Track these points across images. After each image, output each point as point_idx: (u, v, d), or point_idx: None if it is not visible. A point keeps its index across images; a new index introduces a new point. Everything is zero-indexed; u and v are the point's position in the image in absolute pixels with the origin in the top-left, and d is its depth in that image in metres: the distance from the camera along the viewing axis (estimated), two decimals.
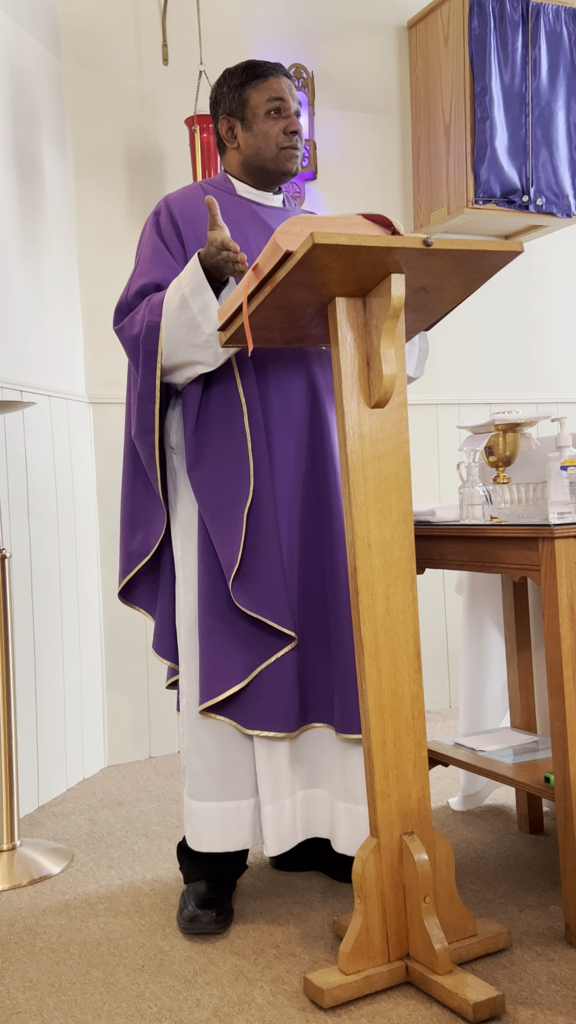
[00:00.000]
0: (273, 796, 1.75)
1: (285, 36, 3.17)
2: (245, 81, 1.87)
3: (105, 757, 2.90)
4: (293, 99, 1.88)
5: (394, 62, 3.36)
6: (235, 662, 1.72)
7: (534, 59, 3.17)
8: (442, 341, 3.47)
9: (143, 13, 2.96)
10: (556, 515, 1.65)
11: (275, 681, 1.73)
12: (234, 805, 1.77)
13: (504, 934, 1.60)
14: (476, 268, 1.52)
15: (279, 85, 1.86)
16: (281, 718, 1.73)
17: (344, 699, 1.75)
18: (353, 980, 1.48)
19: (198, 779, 1.78)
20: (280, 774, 1.76)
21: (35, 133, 2.68)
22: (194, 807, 1.78)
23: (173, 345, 1.73)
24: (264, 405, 1.79)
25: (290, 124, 1.85)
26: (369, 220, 1.51)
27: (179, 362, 1.74)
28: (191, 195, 1.88)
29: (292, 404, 1.80)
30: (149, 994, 1.54)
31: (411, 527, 1.55)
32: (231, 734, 1.77)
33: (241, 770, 1.77)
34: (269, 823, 1.75)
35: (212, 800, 1.77)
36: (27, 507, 2.55)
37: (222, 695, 1.71)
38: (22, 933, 1.79)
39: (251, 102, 1.86)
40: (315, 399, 1.82)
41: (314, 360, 1.84)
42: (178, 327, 1.71)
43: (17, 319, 2.53)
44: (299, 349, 1.83)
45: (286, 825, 1.77)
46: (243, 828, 1.78)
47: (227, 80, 1.90)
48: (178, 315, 1.71)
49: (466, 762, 1.90)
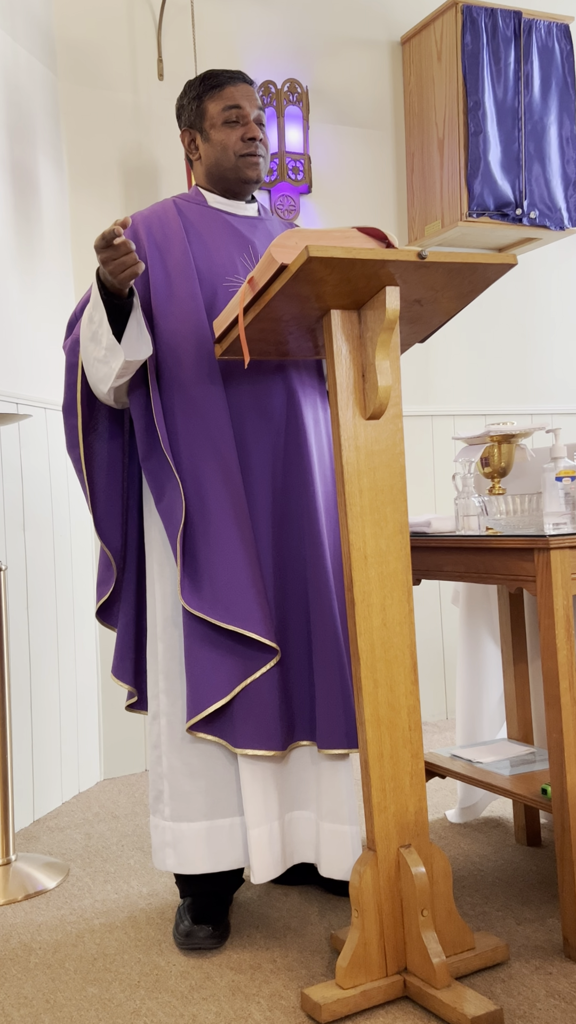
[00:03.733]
0: (259, 819, 1.69)
1: (280, 52, 3.19)
2: (202, 92, 1.85)
3: (101, 771, 2.89)
4: (252, 105, 1.84)
5: (388, 77, 3.38)
6: (221, 675, 1.67)
7: (526, 74, 3.19)
8: (437, 353, 3.48)
9: (138, 28, 2.98)
10: (551, 526, 1.66)
11: (262, 698, 1.68)
12: (227, 823, 1.73)
13: (502, 947, 1.59)
14: (470, 281, 1.53)
15: (236, 92, 1.83)
16: (270, 736, 1.68)
17: (326, 713, 1.71)
18: (351, 995, 1.47)
19: (186, 800, 1.72)
20: (267, 795, 1.71)
21: (31, 148, 2.69)
22: (182, 830, 1.72)
23: (88, 359, 1.73)
24: (240, 414, 1.76)
25: (248, 131, 1.82)
26: (364, 233, 1.52)
27: (96, 380, 1.74)
28: (160, 211, 1.86)
29: (269, 412, 1.77)
30: (145, 1010, 1.53)
31: (407, 538, 1.56)
32: (218, 751, 1.73)
33: (232, 787, 1.73)
34: (256, 848, 1.68)
35: (205, 819, 1.72)
36: (23, 520, 2.55)
37: (210, 708, 1.66)
38: (17, 949, 1.78)
39: (208, 112, 1.84)
40: (292, 406, 1.79)
41: (291, 368, 1.82)
42: (89, 340, 1.71)
43: (13, 332, 2.54)
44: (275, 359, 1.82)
45: (275, 851, 1.71)
46: (237, 846, 1.73)
47: (187, 92, 1.88)
48: (86, 326, 1.71)
49: (463, 774, 1.89)
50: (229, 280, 1.80)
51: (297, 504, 1.78)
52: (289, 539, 1.78)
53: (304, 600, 1.77)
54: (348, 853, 1.74)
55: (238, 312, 1.56)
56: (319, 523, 1.77)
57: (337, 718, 1.71)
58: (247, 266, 1.83)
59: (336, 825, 1.74)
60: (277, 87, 3.10)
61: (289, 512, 1.78)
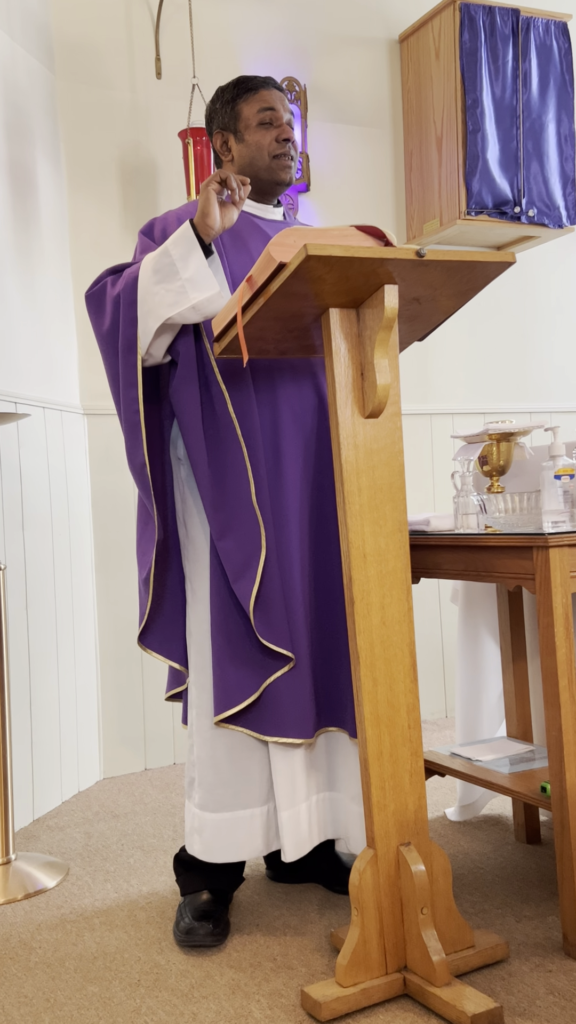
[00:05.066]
0: (290, 802, 1.75)
1: (278, 50, 3.19)
2: (237, 95, 1.90)
3: (101, 769, 2.89)
4: (284, 110, 1.90)
5: (386, 75, 3.38)
6: (245, 676, 1.74)
7: (524, 72, 3.19)
8: (436, 351, 3.48)
9: (136, 27, 2.98)
10: (550, 524, 1.66)
11: (290, 689, 1.74)
12: (247, 814, 1.78)
13: (502, 945, 1.59)
14: (469, 279, 1.53)
15: (270, 96, 1.89)
16: (298, 724, 1.74)
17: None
18: (351, 993, 1.47)
19: (211, 791, 1.77)
20: (296, 779, 1.77)
21: (29, 147, 2.69)
22: (206, 819, 1.78)
23: (146, 291, 1.69)
24: (273, 418, 1.80)
25: (282, 132, 1.87)
26: (362, 231, 1.52)
27: (151, 310, 1.70)
28: (186, 213, 1.89)
29: (301, 416, 1.82)
30: (146, 1009, 1.53)
31: (406, 537, 1.56)
32: (244, 742, 1.77)
33: (253, 779, 1.78)
34: (287, 829, 1.75)
35: (226, 811, 1.77)
36: (22, 519, 2.55)
37: (236, 707, 1.72)
38: (17, 948, 1.78)
39: (243, 114, 1.89)
40: (322, 410, 1.84)
41: (320, 370, 1.86)
42: (153, 272, 1.68)
43: (12, 331, 2.54)
44: (307, 360, 1.84)
45: (303, 830, 1.77)
46: (256, 837, 1.78)
47: (220, 96, 1.93)
48: (156, 261, 1.69)
49: (463, 772, 1.90)
50: None
51: (329, 506, 1.83)
52: (325, 538, 1.83)
53: (334, 597, 1.82)
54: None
55: (237, 310, 1.56)
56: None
57: None
58: None
59: (356, 805, 1.80)
60: None
61: (321, 514, 1.83)
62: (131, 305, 1.73)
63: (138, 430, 1.75)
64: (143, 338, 1.72)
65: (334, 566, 1.83)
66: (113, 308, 1.77)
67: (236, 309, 1.57)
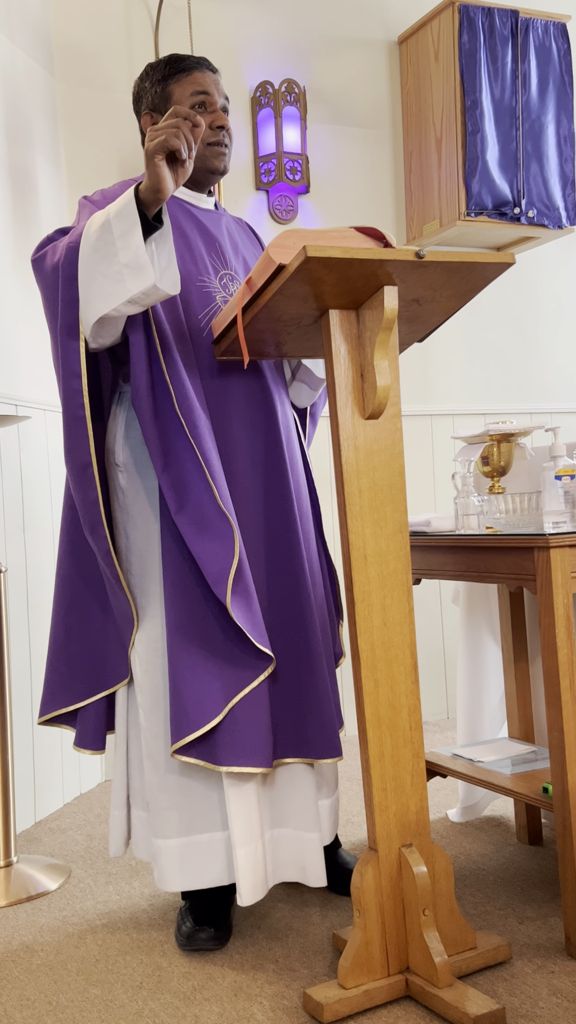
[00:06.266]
0: (246, 838, 1.63)
1: (277, 52, 3.19)
2: (168, 75, 1.77)
3: (102, 771, 2.89)
4: (219, 94, 1.77)
5: (385, 77, 3.38)
6: (209, 694, 1.61)
7: (524, 73, 3.19)
8: (436, 352, 3.48)
9: (135, 30, 2.98)
10: (551, 525, 1.66)
11: (249, 713, 1.63)
12: (205, 838, 1.66)
13: (504, 946, 1.59)
14: (468, 280, 1.53)
15: (204, 79, 1.76)
16: (258, 752, 1.62)
17: (321, 723, 1.69)
18: (353, 994, 1.47)
19: (162, 815, 1.67)
20: (252, 813, 1.66)
21: (29, 150, 2.69)
22: (159, 846, 1.67)
23: (85, 273, 1.51)
24: (223, 420, 1.71)
25: (216, 119, 1.75)
26: (362, 233, 1.52)
27: (89, 300, 1.53)
28: (121, 190, 1.76)
29: (252, 417, 1.74)
30: (148, 1011, 1.53)
31: (407, 538, 1.56)
32: (197, 767, 1.68)
33: (210, 801, 1.67)
34: (244, 869, 1.63)
35: (178, 836, 1.66)
36: (22, 521, 2.55)
37: (198, 731, 1.59)
38: (19, 950, 1.78)
39: (174, 96, 1.76)
40: (269, 408, 1.77)
41: (267, 369, 1.79)
42: (93, 250, 1.50)
43: (12, 334, 2.54)
44: (252, 361, 1.77)
45: (260, 871, 1.66)
46: (217, 863, 1.67)
47: (149, 75, 1.80)
48: (97, 236, 1.49)
49: (464, 773, 1.89)
50: (202, 281, 1.75)
51: (278, 514, 1.74)
52: (274, 550, 1.74)
53: (289, 609, 1.73)
54: (319, 860, 1.71)
55: (237, 312, 1.56)
56: (298, 533, 1.75)
57: (330, 728, 1.70)
58: (215, 265, 1.79)
59: (314, 833, 1.71)
60: (275, 87, 3.10)
61: (272, 522, 1.74)
62: (70, 281, 1.54)
63: (82, 424, 1.58)
64: (85, 326, 1.55)
65: (289, 574, 1.71)
66: (52, 280, 1.59)
67: (236, 311, 1.57)
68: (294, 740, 1.71)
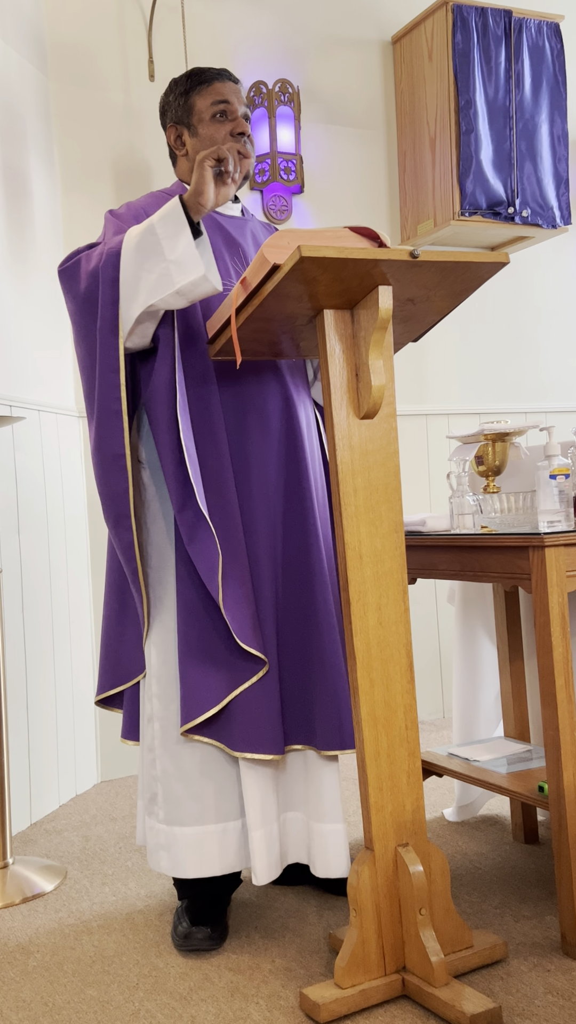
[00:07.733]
0: (259, 821, 1.69)
1: (271, 52, 3.19)
2: (190, 88, 1.84)
3: (98, 773, 2.88)
4: (240, 103, 1.84)
5: (379, 77, 3.38)
6: (212, 685, 1.68)
7: (517, 73, 3.20)
8: (431, 352, 3.49)
9: (129, 29, 2.98)
10: (546, 524, 1.66)
11: (260, 702, 1.69)
12: (221, 828, 1.72)
13: (500, 945, 1.59)
14: (463, 279, 1.53)
15: (224, 89, 1.82)
16: (269, 740, 1.68)
17: (326, 715, 1.72)
18: (349, 994, 1.47)
19: (179, 804, 1.72)
20: (267, 798, 1.71)
21: (22, 149, 2.69)
22: (175, 834, 1.72)
23: (129, 272, 1.59)
24: (237, 418, 1.75)
25: (236, 126, 1.81)
26: (356, 233, 1.52)
27: (133, 295, 1.61)
28: (155, 205, 1.82)
29: (267, 416, 1.77)
30: (144, 1012, 1.53)
31: (402, 537, 1.56)
32: (212, 755, 1.73)
33: (224, 792, 1.73)
34: (259, 850, 1.68)
35: (196, 824, 1.71)
36: (17, 522, 2.55)
37: (204, 715, 1.66)
38: (15, 952, 1.78)
39: (196, 107, 1.83)
40: (288, 409, 1.79)
41: (285, 369, 1.82)
42: (136, 251, 1.59)
43: (6, 334, 2.53)
44: (272, 361, 1.80)
45: (275, 851, 1.72)
46: (230, 851, 1.72)
47: (173, 89, 1.87)
48: (140, 238, 1.58)
49: (460, 772, 1.90)
50: (224, 285, 1.79)
51: (296, 510, 1.78)
52: (289, 545, 1.78)
53: (300, 602, 1.77)
54: (339, 851, 1.74)
55: (231, 312, 1.56)
56: (316, 528, 1.78)
57: (336, 720, 1.71)
58: (238, 270, 1.83)
59: (325, 825, 1.74)
60: (268, 87, 3.10)
61: (289, 518, 1.78)
62: (111, 284, 1.63)
63: (118, 418, 1.65)
64: (125, 324, 1.63)
65: (302, 570, 1.76)
66: (90, 284, 1.67)
67: (230, 311, 1.57)
68: (303, 728, 1.76)
